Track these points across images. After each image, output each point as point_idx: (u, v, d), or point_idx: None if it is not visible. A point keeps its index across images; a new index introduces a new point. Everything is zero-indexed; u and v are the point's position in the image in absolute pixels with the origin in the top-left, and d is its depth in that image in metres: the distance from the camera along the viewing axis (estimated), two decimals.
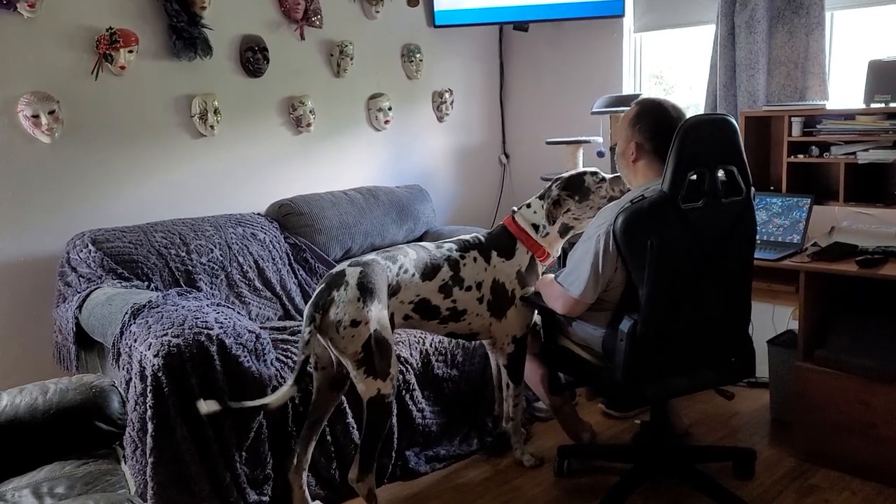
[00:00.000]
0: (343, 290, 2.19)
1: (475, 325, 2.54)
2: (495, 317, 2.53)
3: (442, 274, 2.45)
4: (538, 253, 2.55)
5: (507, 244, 2.55)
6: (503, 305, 2.52)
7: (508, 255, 2.53)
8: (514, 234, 2.55)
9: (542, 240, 2.54)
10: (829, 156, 2.88)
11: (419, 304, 2.41)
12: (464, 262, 2.49)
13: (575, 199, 2.50)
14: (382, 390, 2.22)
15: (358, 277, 2.22)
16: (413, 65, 4.01)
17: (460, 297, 2.47)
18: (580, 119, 3.96)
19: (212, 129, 3.24)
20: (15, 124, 2.74)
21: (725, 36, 3.29)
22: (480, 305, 2.51)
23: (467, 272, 2.49)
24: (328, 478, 2.49)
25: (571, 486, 2.57)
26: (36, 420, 1.89)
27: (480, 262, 2.51)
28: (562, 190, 2.50)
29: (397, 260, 2.38)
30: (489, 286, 2.50)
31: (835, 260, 2.57)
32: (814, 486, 2.51)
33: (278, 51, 3.44)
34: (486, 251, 2.53)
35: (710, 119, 2.25)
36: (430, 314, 2.44)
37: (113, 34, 2.89)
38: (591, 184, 2.50)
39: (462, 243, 2.55)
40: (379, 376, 2.21)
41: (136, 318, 2.30)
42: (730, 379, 2.44)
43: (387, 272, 2.32)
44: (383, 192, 3.65)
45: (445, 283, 2.44)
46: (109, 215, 2.97)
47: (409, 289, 2.38)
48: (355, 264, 2.29)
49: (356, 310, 2.17)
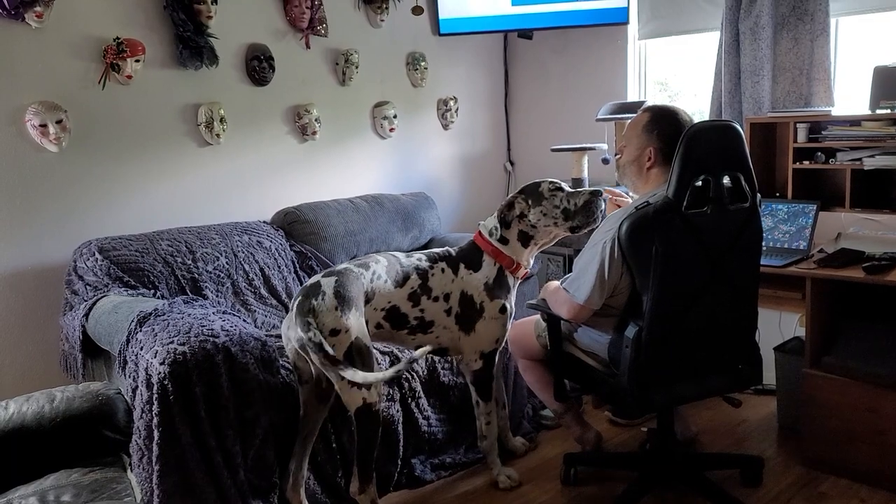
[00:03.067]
0: (321, 300, 2.19)
1: (443, 338, 2.51)
2: (463, 330, 2.50)
3: (411, 282, 2.44)
4: (505, 263, 2.51)
5: (473, 257, 2.53)
6: (472, 318, 2.49)
7: (476, 267, 2.51)
8: (480, 246, 2.54)
9: (506, 248, 2.50)
10: (834, 162, 2.87)
11: (389, 311, 2.40)
12: (432, 272, 2.49)
13: (528, 203, 2.48)
14: (368, 399, 2.21)
15: (334, 286, 2.22)
16: (418, 73, 4.02)
17: (428, 307, 2.45)
18: (585, 126, 3.96)
19: (218, 137, 3.25)
20: (23, 133, 2.76)
21: (730, 43, 3.29)
22: (448, 318, 2.49)
23: (435, 282, 2.48)
24: (334, 486, 2.48)
25: (578, 495, 2.56)
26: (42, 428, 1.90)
27: (448, 274, 2.50)
28: (517, 193, 2.51)
29: (370, 267, 2.38)
30: (457, 298, 2.49)
31: (841, 266, 2.56)
32: (822, 494, 2.50)
33: (284, 59, 3.46)
34: (454, 263, 2.52)
35: (715, 125, 2.26)
36: (399, 323, 2.43)
37: (120, 44, 2.90)
38: (545, 190, 2.48)
39: (431, 255, 2.55)
40: (363, 385, 2.19)
41: (143, 326, 2.30)
42: (737, 386, 2.43)
43: (361, 279, 2.32)
44: (388, 200, 3.66)
45: (414, 291, 2.44)
46: (116, 223, 2.98)
47: (383, 295, 2.38)
48: (329, 274, 2.29)
49: (335, 318, 2.17)
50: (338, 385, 2.21)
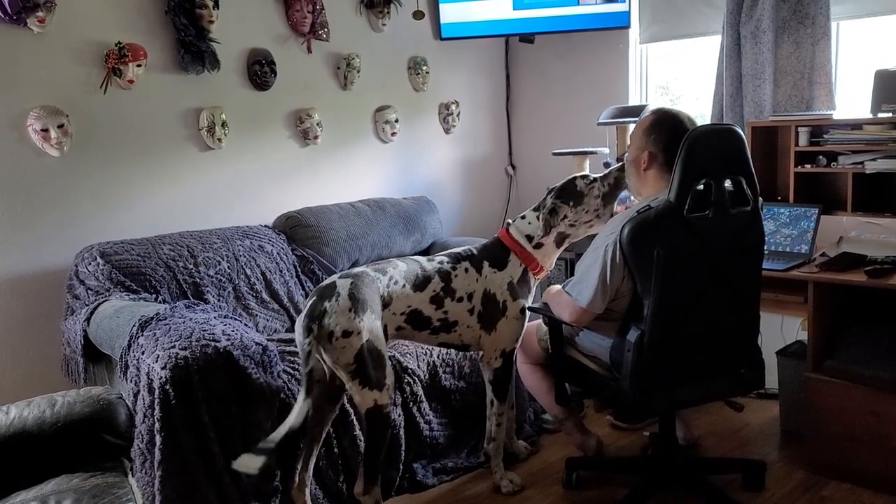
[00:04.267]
0: (335, 301, 2.20)
1: (466, 336, 2.52)
2: (485, 329, 2.51)
3: (433, 285, 2.44)
4: (532, 265, 2.53)
5: (499, 255, 2.53)
6: (494, 317, 2.50)
7: (500, 266, 2.52)
8: (507, 245, 2.54)
9: (536, 252, 2.52)
10: (836, 165, 2.87)
11: (411, 315, 2.41)
12: (455, 273, 2.49)
13: (570, 205, 2.49)
14: (379, 401, 2.22)
15: (349, 289, 2.23)
16: (420, 77, 4.03)
17: (452, 309, 2.46)
18: (587, 130, 3.96)
19: (219, 141, 3.25)
20: (24, 138, 2.76)
21: (731, 46, 3.30)
22: (471, 317, 2.49)
23: (459, 283, 2.48)
24: (336, 491, 2.48)
25: (580, 499, 2.56)
26: (44, 433, 1.90)
27: (472, 273, 2.50)
28: (556, 198, 2.50)
29: (387, 272, 2.39)
30: (480, 297, 2.49)
31: (843, 270, 2.56)
32: (825, 497, 2.49)
33: (286, 64, 3.46)
34: (477, 262, 2.52)
35: (716, 129, 2.25)
36: (421, 325, 2.44)
37: (122, 48, 2.91)
38: (582, 187, 2.50)
39: (454, 255, 2.55)
40: (374, 387, 2.20)
41: (144, 330, 2.30)
42: (739, 390, 2.43)
43: (377, 283, 2.33)
44: (390, 204, 3.66)
45: (437, 294, 2.44)
46: (118, 228, 2.98)
47: (401, 300, 2.38)
48: (345, 276, 2.30)
49: (348, 320, 2.18)
50: (349, 385, 2.22)
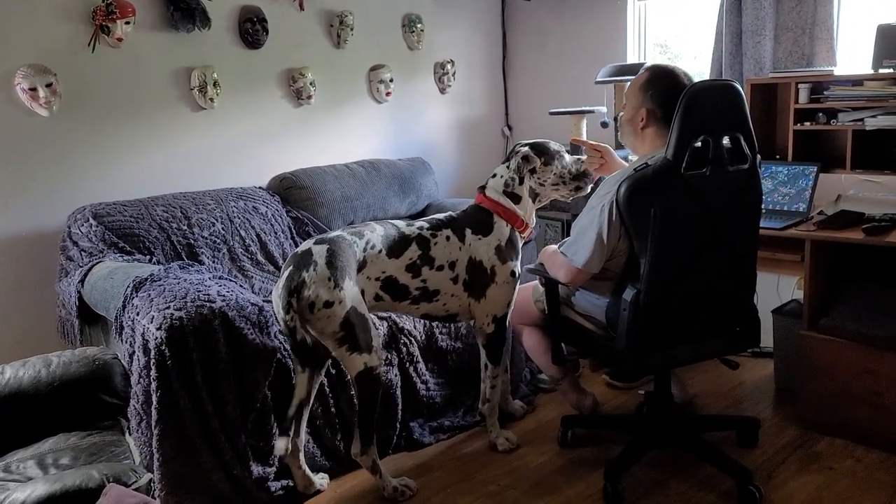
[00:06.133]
0: (312, 270, 2.16)
1: (451, 306, 2.49)
2: (474, 297, 2.48)
3: (409, 252, 2.39)
4: (517, 223, 2.49)
5: (482, 220, 2.48)
6: (483, 284, 2.46)
7: (485, 231, 2.47)
8: (488, 208, 2.49)
9: (517, 207, 2.49)
10: (836, 123, 2.84)
11: (386, 282, 2.36)
12: (435, 240, 2.44)
13: (541, 161, 2.49)
14: (369, 363, 2.21)
15: (326, 256, 2.19)
16: (414, 35, 3.96)
17: (431, 277, 2.41)
18: (584, 89, 3.91)
19: (211, 101, 3.21)
20: (12, 98, 2.72)
21: (731, 2, 3.23)
22: (455, 286, 2.45)
23: (438, 251, 2.43)
24: (333, 448, 2.50)
25: (575, 456, 2.58)
26: (39, 392, 1.91)
27: (454, 241, 2.45)
28: (529, 149, 2.50)
29: (364, 235, 2.34)
30: (464, 265, 2.45)
31: (841, 228, 2.55)
32: (818, 453, 2.51)
33: (277, 22, 3.40)
34: (459, 229, 2.47)
35: (715, 85, 2.21)
36: (399, 294, 2.39)
37: (109, 5, 2.84)
38: (554, 151, 2.51)
39: (434, 221, 2.49)
40: (364, 350, 2.20)
41: (139, 291, 2.29)
42: (734, 348, 2.43)
43: (354, 247, 2.29)
44: (385, 165, 3.63)
45: (413, 262, 2.39)
46: (110, 189, 2.95)
47: (375, 264, 2.34)
48: (321, 241, 2.25)
49: (328, 290, 2.14)
50: (337, 352, 2.21)
